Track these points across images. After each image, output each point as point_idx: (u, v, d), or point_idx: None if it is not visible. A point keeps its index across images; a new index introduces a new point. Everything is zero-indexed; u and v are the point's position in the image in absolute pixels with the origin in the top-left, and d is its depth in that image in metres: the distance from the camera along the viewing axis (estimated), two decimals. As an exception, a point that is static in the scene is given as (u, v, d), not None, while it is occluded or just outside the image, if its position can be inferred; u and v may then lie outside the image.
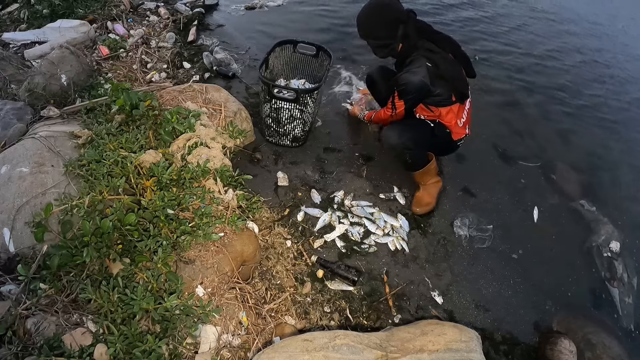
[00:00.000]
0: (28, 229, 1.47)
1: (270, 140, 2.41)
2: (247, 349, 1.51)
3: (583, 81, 3.72)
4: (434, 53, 1.85)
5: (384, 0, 1.86)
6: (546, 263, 2.11)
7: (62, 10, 3.05)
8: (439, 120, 2.00)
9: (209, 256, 1.59)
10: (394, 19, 1.83)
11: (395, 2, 1.86)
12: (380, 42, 1.91)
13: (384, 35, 1.88)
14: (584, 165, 2.76)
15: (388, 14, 1.83)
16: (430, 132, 2.01)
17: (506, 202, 2.37)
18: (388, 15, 1.83)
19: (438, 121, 2.00)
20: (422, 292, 1.88)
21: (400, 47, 1.91)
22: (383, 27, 1.86)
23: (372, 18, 1.87)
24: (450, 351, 1.44)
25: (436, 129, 2.01)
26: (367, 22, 1.89)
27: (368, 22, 1.89)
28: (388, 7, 1.84)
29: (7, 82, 2.26)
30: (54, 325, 1.28)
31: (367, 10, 1.88)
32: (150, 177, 1.70)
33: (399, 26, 1.84)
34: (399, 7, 1.85)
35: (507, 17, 4.61)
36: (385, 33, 1.87)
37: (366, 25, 1.90)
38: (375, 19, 1.86)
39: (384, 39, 1.89)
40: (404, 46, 1.90)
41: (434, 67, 1.82)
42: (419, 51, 1.85)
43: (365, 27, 1.90)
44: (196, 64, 2.97)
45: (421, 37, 1.88)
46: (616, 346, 1.81)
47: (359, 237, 2.01)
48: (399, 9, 1.85)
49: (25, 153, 1.68)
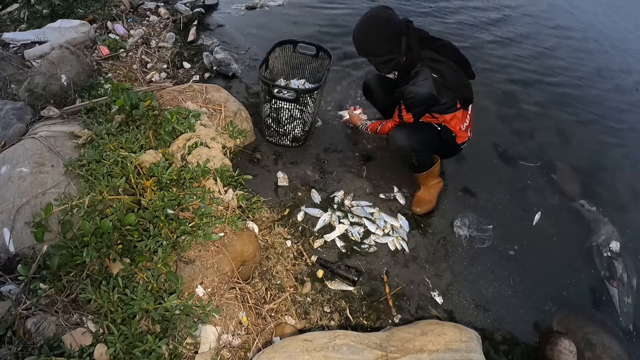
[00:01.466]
0: (28, 229, 1.47)
1: (270, 140, 2.41)
2: (247, 349, 1.51)
3: (583, 81, 3.71)
4: (439, 63, 1.80)
5: (380, 13, 1.75)
6: (546, 263, 2.11)
7: (62, 10, 3.05)
8: (445, 125, 1.99)
9: (209, 256, 1.59)
10: (396, 33, 1.74)
11: (392, 14, 1.76)
12: (384, 59, 1.82)
13: (387, 51, 1.78)
14: (584, 165, 2.76)
15: (388, 29, 1.73)
16: (437, 135, 2.00)
17: (506, 202, 2.37)
18: (388, 30, 1.74)
19: (444, 125, 1.99)
20: (422, 292, 1.88)
21: (404, 59, 1.83)
22: (385, 43, 1.76)
23: (372, 34, 1.76)
24: (450, 351, 1.44)
25: (443, 133, 2.00)
26: (366, 40, 1.78)
27: (367, 40, 1.78)
28: (387, 21, 1.73)
29: (7, 82, 2.26)
30: (54, 325, 1.28)
31: (364, 27, 1.77)
32: (150, 177, 1.70)
33: (402, 39, 1.75)
34: (397, 19, 1.77)
35: (507, 17, 4.60)
36: (387, 49, 1.77)
37: (366, 43, 1.79)
38: (375, 35, 1.75)
39: (386, 55, 1.79)
40: (408, 58, 1.82)
41: (440, 77, 1.78)
42: (423, 62, 1.79)
43: (365, 45, 1.80)
44: (196, 64, 2.97)
45: (424, 47, 1.81)
46: (616, 346, 1.81)
47: (359, 237, 2.01)
48: (397, 22, 1.76)
49: (25, 153, 1.68)
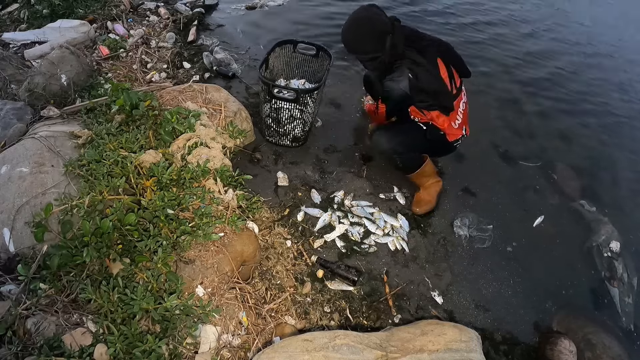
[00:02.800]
0: (28, 229, 1.47)
1: (270, 140, 2.41)
2: (247, 349, 1.51)
3: (584, 81, 3.71)
4: (418, 65, 1.82)
5: (366, 13, 1.82)
6: (546, 263, 2.11)
7: (62, 10, 3.05)
8: (432, 123, 1.98)
9: (209, 256, 1.59)
10: (380, 32, 1.80)
11: (378, 13, 1.82)
12: (369, 56, 1.88)
13: (372, 49, 1.84)
14: (584, 165, 2.76)
15: (373, 27, 1.80)
16: (423, 136, 2.00)
17: (506, 202, 2.37)
18: (373, 29, 1.80)
19: (431, 124, 1.98)
20: (422, 292, 1.88)
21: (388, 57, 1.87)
22: (369, 41, 1.82)
23: (357, 33, 1.83)
24: (450, 351, 1.44)
25: (428, 133, 1.99)
26: (352, 38, 1.86)
27: (353, 38, 1.85)
28: (371, 20, 1.80)
29: (7, 82, 2.26)
30: (54, 325, 1.28)
31: (351, 27, 1.84)
32: (150, 177, 1.70)
33: (386, 38, 1.80)
34: (382, 18, 1.82)
35: (506, 17, 4.60)
36: (372, 47, 1.83)
37: (352, 41, 1.86)
38: (361, 34, 1.83)
39: (371, 53, 1.85)
40: (391, 56, 1.86)
41: (415, 79, 1.81)
42: (403, 61, 1.83)
43: (352, 43, 1.87)
44: (196, 64, 2.97)
45: (409, 45, 1.84)
46: (616, 346, 1.81)
47: (359, 237, 2.01)
48: (382, 21, 1.81)
49: (25, 153, 1.68)
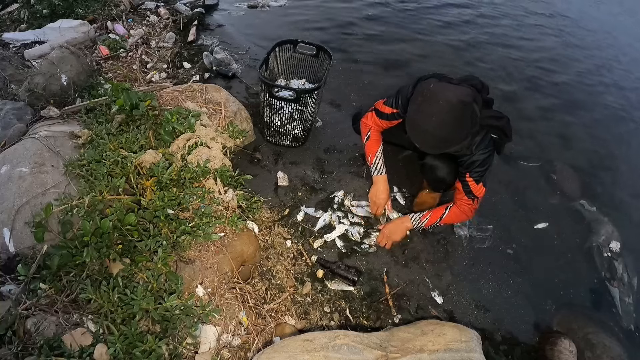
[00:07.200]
0: (28, 229, 1.47)
1: (270, 140, 2.41)
2: (247, 349, 1.51)
3: (584, 81, 3.71)
4: (499, 119, 1.68)
5: (460, 98, 1.43)
6: (546, 263, 2.11)
7: (62, 10, 3.04)
8: None
9: (209, 256, 1.59)
10: (476, 115, 1.52)
11: (469, 92, 1.50)
12: (465, 144, 1.58)
13: (466, 135, 1.53)
14: (584, 165, 2.76)
15: (473, 114, 1.49)
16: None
17: (506, 202, 2.37)
18: (473, 115, 1.50)
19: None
20: (422, 292, 1.88)
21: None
22: (468, 130, 1.51)
23: (456, 127, 1.47)
24: (450, 351, 1.44)
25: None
26: (449, 137, 1.49)
27: (452, 136, 1.49)
28: (469, 105, 1.46)
29: (7, 82, 2.26)
30: (54, 325, 1.28)
31: (444, 122, 1.45)
32: (150, 177, 1.70)
33: (477, 116, 1.54)
34: (471, 92, 1.51)
35: (505, 17, 4.61)
36: (467, 133, 1.53)
37: (447, 140, 1.50)
38: (460, 126, 1.48)
39: (467, 139, 1.56)
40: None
41: (501, 137, 1.69)
42: (483, 128, 1.63)
43: (447, 142, 1.51)
44: (196, 64, 2.97)
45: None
46: (616, 346, 1.81)
47: (359, 237, 2.01)
48: (473, 95, 1.50)
49: (25, 153, 1.68)
